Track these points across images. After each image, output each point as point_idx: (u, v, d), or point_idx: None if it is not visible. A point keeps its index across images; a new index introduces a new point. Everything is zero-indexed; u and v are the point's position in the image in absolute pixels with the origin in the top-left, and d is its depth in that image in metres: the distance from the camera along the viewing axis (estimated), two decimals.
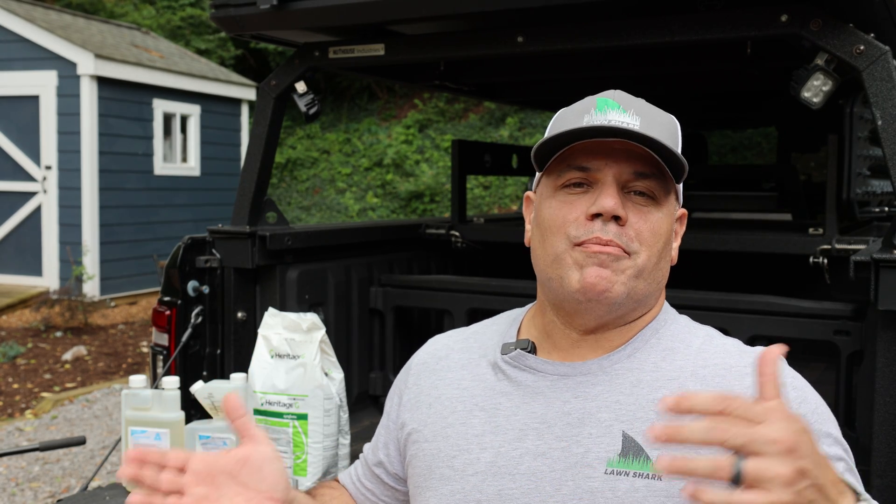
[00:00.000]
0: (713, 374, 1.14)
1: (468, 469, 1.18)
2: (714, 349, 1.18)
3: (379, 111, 14.51)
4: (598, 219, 1.13)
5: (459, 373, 1.28)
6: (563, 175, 1.17)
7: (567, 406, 1.16)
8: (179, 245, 2.72)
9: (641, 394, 1.14)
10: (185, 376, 2.62)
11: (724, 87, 4.01)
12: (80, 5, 14.98)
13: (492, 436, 1.18)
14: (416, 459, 1.26)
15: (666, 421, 1.08)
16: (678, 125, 1.23)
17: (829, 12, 2.15)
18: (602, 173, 1.14)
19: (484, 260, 3.70)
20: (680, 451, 1.06)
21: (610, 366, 1.17)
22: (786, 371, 1.15)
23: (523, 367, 1.21)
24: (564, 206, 1.16)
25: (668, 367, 1.16)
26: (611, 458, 1.11)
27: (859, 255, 2.14)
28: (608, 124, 1.13)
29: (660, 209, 1.16)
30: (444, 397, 1.26)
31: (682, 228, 1.26)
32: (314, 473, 2.22)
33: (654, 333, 1.20)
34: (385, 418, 1.37)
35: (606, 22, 2.41)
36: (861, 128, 3.73)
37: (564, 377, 1.18)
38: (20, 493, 4.66)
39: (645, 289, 1.16)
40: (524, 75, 3.57)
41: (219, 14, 2.69)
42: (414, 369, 1.35)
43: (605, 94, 1.19)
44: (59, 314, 8.37)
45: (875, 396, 2.04)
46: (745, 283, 3.03)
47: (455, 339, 1.36)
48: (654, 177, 1.15)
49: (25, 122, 9.62)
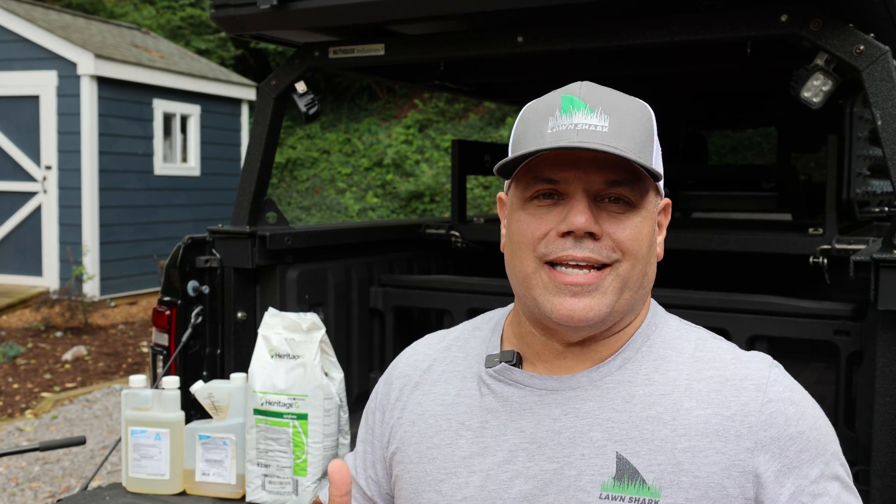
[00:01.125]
0: (708, 389, 1.09)
1: (456, 494, 1.13)
2: (708, 357, 1.12)
3: (379, 111, 14.51)
4: (570, 236, 1.06)
5: (444, 387, 1.21)
6: (531, 186, 1.09)
7: (557, 424, 1.10)
8: (179, 245, 2.72)
9: (635, 410, 1.08)
10: (185, 376, 2.62)
11: (724, 87, 4.01)
12: (80, 5, 14.98)
13: (480, 458, 1.13)
14: (402, 481, 1.20)
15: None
16: (651, 115, 1.13)
17: (829, 12, 2.15)
18: (571, 186, 1.06)
19: (484, 260, 3.70)
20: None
21: (600, 379, 1.11)
22: (784, 384, 1.10)
23: (509, 382, 1.15)
24: (533, 220, 1.09)
25: (660, 380, 1.10)
26: (605, 481, 1.06)
27: (859, 255, 2.14)
28: (574, 129, 1.05)
29: (638, 213, 1.09)
30: (427, 414, 1.20)
31: (666, 219, 1.18)
32: (314, 473, 2.22)
33: (644, 340, 1.14)
34: (369, 435, 1.29)
35: (606, 22, 2.41)
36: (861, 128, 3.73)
37: (553, 392, 1.12)
38: (20, 493, 4.66)
39: (630, 297, 1.10)
40: (524, 75, 3.57)
41: (219, 14, 2.69)
42: (396, 383, 1.27)
43: (569, 91, 1.09)
44: (59, 314, 8.37)
45: (875, 396, 2.04)
46: (745, 283, 3.03)
47: (436, 349, 1.27)
48: (628, 182, 1.07)
49: (25, 122, 9.62)
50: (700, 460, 1.05)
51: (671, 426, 1.07)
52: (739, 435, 1.06)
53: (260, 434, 2.25)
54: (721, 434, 1.06)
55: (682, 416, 1.07)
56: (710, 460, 1.05)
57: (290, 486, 2.23)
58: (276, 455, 2.24)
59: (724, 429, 1.06)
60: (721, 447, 1.05)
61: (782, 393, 1.09)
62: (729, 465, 1.05)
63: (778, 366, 1.13)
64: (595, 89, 1.10)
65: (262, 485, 2.26)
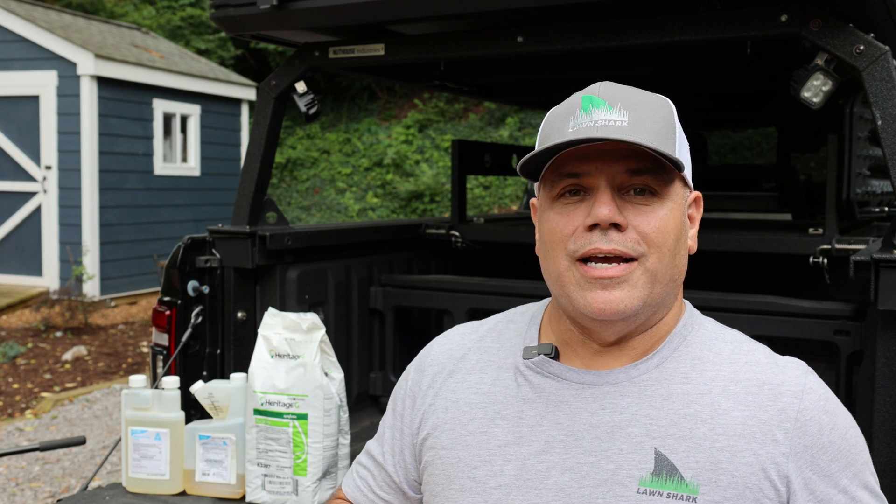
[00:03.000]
0: (745, 392, 1.10)
1: (490, 481, 1.13)
2: (745, 359, 1.14)
3: (379, 111, 14.51)
4: (597, 229, 1.08)
5: (479, 376, 1.22)
6: (557, 185, 1.12)
7: (594, 418, 1.11)
8: (179, 245, 2.72)
9: (673, 408, 1.10)
10: (185, 376, 2.62)
11: (724, 87, 4.01)
12: (80, 5, 14.98)
13: (516, 447, 1.13)
14: (433, 466, 1.20)
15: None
16: (672, 108, 1.16)
17: (829, 12, 2.15)
18: (594, 178, 1.09)
19: (484, 260, 3.70)
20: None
21: (638, 376, 1.13)
22: (819, 392, 1.12)
23: (547, 374, 1.16)
24: (562, 218, 1.11)
25: (698, 379, 1.12)
26: (643, 476, 1.07)
27: (859, 255, 2.14)
28: (594, 125, 1.07)
29: (664, 203, 1.10)
30: (462, 402, 1.20)
31: (698, 213, 1.20)
32: (314, 473, 2.22)
33: (681, 341, 1.15)
34: (398, 421, 1.29)
35: (606, 22, 2.41)
36: (861, 128, 3.74)
37: (591, 386, 1.13)
38: (20, 493, 4.66)
39: (662, 291, 1.11)
40: (524, 75, 3.57)
41: (219, 14, 2.69)
42: (429, 370, 1.27)
43: (590, 91, 1.13)
44: (59, 314, 8.37)
45: (875, 396, 2.04)
46: (745, 283, 3.03)
47: (471, 338, 1.28)
48: (651, 171, 1.09)
49: (25, 122, 9.62)
50: (738, 460, 1.06)
51: (709, 425, 1.08)
52: (776, 439, 1.07)
53: (260, 434, 2.25)
54: (758, 437, 1.07)
55: (720, 416, 1.09)
56: (748, 461, 1.06)
57: (290, 486, 2.23)
58: (276, 455, 2.24)
59: (762, 432, 1.08)
60: (758, 449, 1.07)
61: (817, 402, 1.10)
62: (765, 468, 1.06)
63: (812, 373, 1.15)
64: (615, 87, 1.13)
65: (262, 485, 2.26)
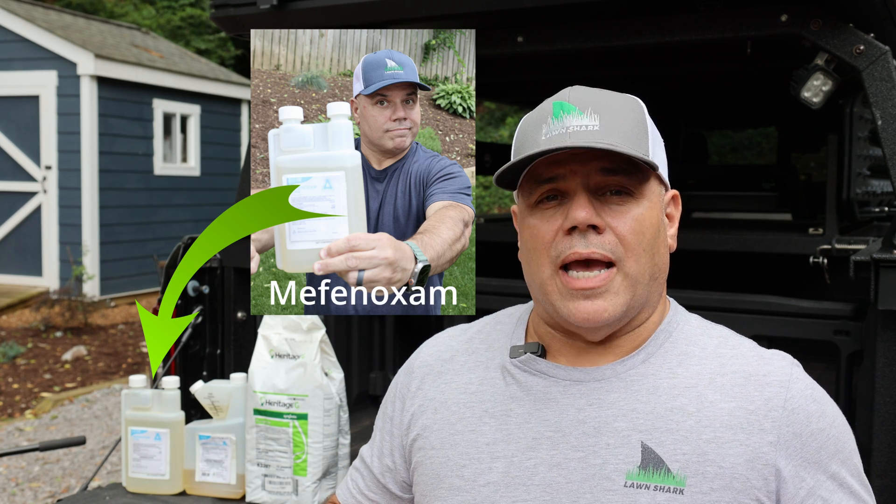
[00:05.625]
0: (732, 383, 1.11)
1: (479, 479, 1.15)
2: (730, 353, 1.16)
3: None
4: (575, 231, 1.10)
5: (467, 376, 1.24)
6: (535, 192, 1.14)
7: (581, 414, 1.12)
8: (179, 245, 2.72)
9: (659, 402, 1.11)
10: (185, 376, 2.62)
11: (724, 87, 4.01)
12: (80, 5, 14.99)
13: (504, 444, 1.15)
14: (423, 467, 1.22)
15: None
16: (643, 108, 1.18)
17: (829, 12, 2.15)
18: (570, 182, 1.11)
19: (483, 260, 3.70)
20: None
21: (624, 371, 1.14)
22: (805, 382, 1.13)
23: (534, 372, 1.17)
24: (541, 223, 1.13)
25: (684, 373, 1.13)
26: (630, 470, 1.08)
27: (859, 255, 2.13)
28: (566, 132, 1.09)
29: (639, 203, 1.12)
30: (450, 402, 1.22)
31: (677, 211, 1.21)
32: (314, 473, 2.22)
33: (667, 337, 1.17)
34: (387, 423, 1.31)
35: (606, 22, 2.41)
36: (861, 128, 3.73)
37: (577, 383, 1.15)
38: (20, 493, 4.66)
39: (644, 291, 1.13)
40: (524, 75, 3.57)
41: (219, 14, 2.69)
42: (417, 372, 1.29)
43: (560, 97, 1.14)
44: (59, 314, 8.37)
45: (875, 396, 2.04)
46: (745, 283, 3.03)
47: (459, 340, 1.30)
48: (624, 171, 1.11)
49: (25, 122, 9.62)
50: (725, 451, 1.07)
51: (696, 417, 1.09)
52: (763, 429, 1.08)
53: (260, 434, 2.25)
54: (745, 427, 1.08)
55: (707, 409, 1.10)
56: (735, 452, 1.07)
57: (290, 486, 2.23)
58: (276, 455, 2.24)
59: (749, 422, 1.08)
60: (745, 439, 1.08)
61: (804, 390, 1.12)
62: (752, 458, 1.07)
63: (798, 364, 1.17)
64: (584, 91, 1.15)
65: (262, 485, 2.26)
